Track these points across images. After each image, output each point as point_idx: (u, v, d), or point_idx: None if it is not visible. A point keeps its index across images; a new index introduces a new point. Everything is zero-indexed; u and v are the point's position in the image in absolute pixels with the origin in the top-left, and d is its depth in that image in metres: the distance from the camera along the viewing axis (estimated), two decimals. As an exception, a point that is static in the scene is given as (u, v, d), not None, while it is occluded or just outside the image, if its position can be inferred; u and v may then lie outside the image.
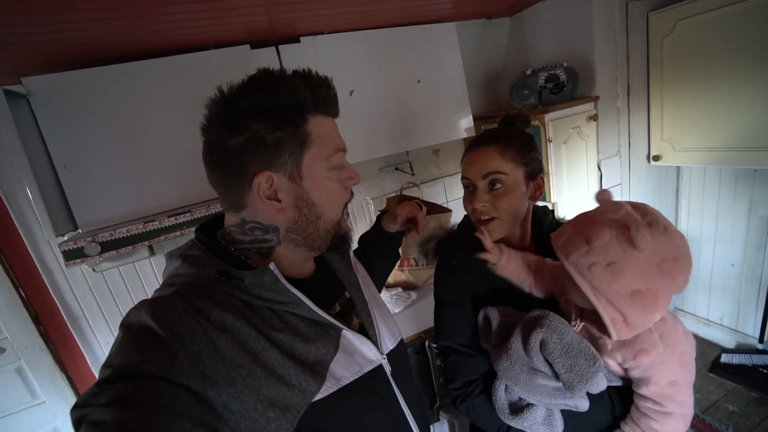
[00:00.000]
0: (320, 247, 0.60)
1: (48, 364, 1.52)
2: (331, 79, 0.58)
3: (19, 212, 1.40)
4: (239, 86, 0.53)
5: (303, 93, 0.53)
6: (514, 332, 0.71)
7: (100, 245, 1.20)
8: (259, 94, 0.52)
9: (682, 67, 1.62)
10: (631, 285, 0.57)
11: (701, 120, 1.63)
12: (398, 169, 1.96)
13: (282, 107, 0.52)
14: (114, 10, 0.96)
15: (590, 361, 0.64)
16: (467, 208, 0.82)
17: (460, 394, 0.79)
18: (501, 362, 0.72)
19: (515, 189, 0.77)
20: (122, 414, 0.38)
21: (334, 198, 0.58)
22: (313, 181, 0.55)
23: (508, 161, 0.76)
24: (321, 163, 0.56)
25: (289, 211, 0.55)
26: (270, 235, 0.57)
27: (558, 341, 0.66)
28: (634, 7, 1.64)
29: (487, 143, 0.78)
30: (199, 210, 1.31)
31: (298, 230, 0.57)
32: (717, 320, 2.15)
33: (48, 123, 1.20)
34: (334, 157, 0.57)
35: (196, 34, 1.25)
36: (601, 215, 0.61)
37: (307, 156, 0.54)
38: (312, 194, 0.56)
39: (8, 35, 0.98)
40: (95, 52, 1.21)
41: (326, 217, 0.58)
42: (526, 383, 0.69)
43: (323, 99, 0.56)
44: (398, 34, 1.58)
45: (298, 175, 0.54)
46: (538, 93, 1.63)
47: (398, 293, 1.74)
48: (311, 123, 0.54)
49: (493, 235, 0.77)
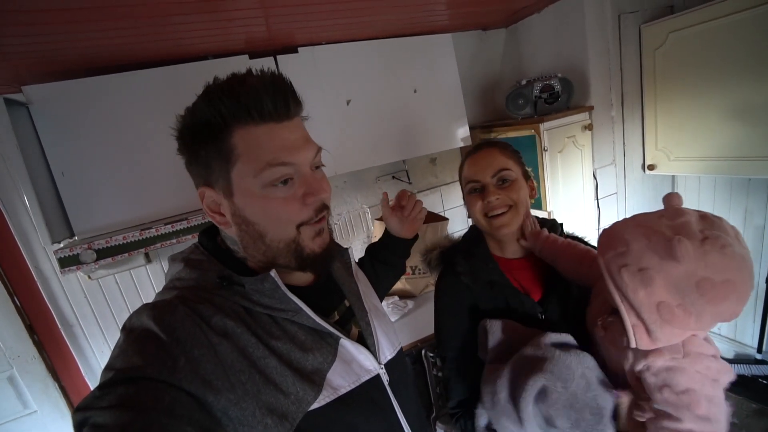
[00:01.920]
0: (288, 264, 0.56)
1: (40, 373, 1.50)
2: (278, 76, 0.51)
3: (15, 219, 1.40)
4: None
5: (220, 105, 0.48)
6: (502, 372, 0.64)
7: (96, 252, 1.20)
8: (188, 111, 0.52)
9: (674, 77, 1.64)
10: (658, 296, 0.53)
11: (695, 130, 1.64)
12: (395, 177, 1.97)
13: (202, 124, 0.50)
14: (113, 21, 0.98)
15: (597, 417, 0.57)
16: (474, 207, 0.82)
17: (455, 414, 0.80)
18: (485, 396, 0.66)
19: (520, 182, 0.82)
20: (124, 417, 0.38)
21: (274, 217, 0.52)
22: (245, 198, 0.51)
23: (510, 159, 0.82)
24: (250, 180, 0.50)
25: (233, 226, 0.54)
26: (236, 246, 0.58)
27: (563, 390, 0.58)
28: (626, 19, 1.67)
29: (488, 146, 0.85)
30: (195, 218, 1.31)
31: (249, 246, 0.55)
32: (714, 330, 2.13)
33: (47, 131, 1.21)
34: (266, 174, 0.50)
35: (195, 44, 1.27)
36: (657, 219, 0.57)
37: (235, 172, 0.50)
38: (246, 211, 0.52)
39: (10, 45, 1.00)
40: (94, 62, 1.23)
41: (272, 236, 0.53)
42: (496, 421, 0.65)
43: (257, 106, 0.49)
44: (395, 44, 1.60)
45: (230, 192, 0.52)
46: (533, 103, 1.65)
47: (395, 302, 1.74)
48: (237, 136, 0.49)
49: (510, 227, 0.80)
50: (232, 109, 0.48)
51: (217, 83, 0.50)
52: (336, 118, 1.52)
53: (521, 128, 1.67)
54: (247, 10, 1.10)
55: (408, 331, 1.53)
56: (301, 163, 0.53)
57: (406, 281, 1.79)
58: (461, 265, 0.84)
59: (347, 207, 1.93)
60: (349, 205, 1.93)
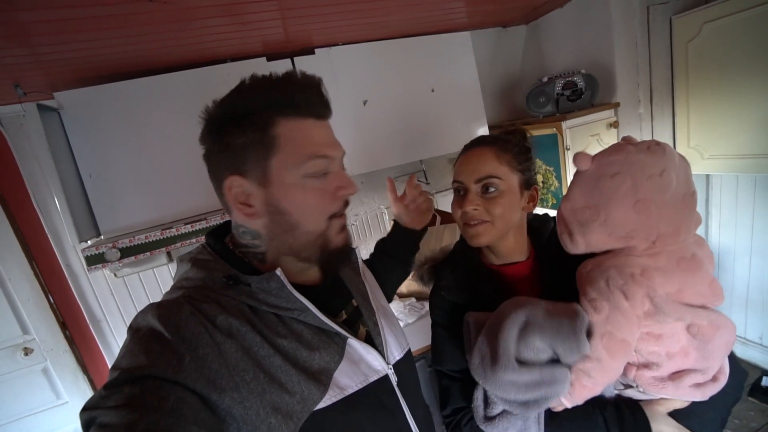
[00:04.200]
0: (309, 258, 0.57)
1: (71, 366, 1.58)
2: (319, 79, 0.55)
3: (48, 219, 1.48)
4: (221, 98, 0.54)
5: (271, 95, 0.51)
6: (477, 340, 0.65)
7: (120, 251, 1.24)
8: (227, 100, 0.53)
9: (709, 71, 1.55)
10: (574, 202, 0.64)
11: (732, 126, 1.54)
12: (411, 178, 1.95)
13: (246, 111, 0.51)
14: (137, 27, 1.01)
15: (572, 316, 0.59)
16: (455, 212, 0.76)
17: (450, 422, 0.76)
18: (475, 371, 0.65)
19: (509, 195, 0.72)
20: (129, 417, 0.38)
21: (310, 208, 0.54)
22: (283, 187, 0.53)
23: (504, 165, 0.72)
24: (291, 170, 0.52)
25: (262, 217, 0.54)
26: (257, 241, 0.57)
27: (539, 311, 0.61)
28: (656, 11, 1.59)
29: (483, 144, 0.75)
30: (214, 218, 1.34)
31: (276, 238, 0.55)
32: (756, 339, 2.00)
33: (76, 134, 1.26)
34: (309, 164, 0.53)
35: (214, 48, 1.30)
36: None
37: (275, 162, 0.52)
38: (282, 202, 0.53)
39: (46, 53, 1.05)
40: (120, 67, 1.28)
41: (304, 228, 0.55)
42: (494, 381, 0.62)
43: (304, 101, 0.53)
44: (412, 44, 1.59)
45: (266, 181, 0.52)
46: (555, 100, 1.60)
47: (411, 303, 1.72)
48: (280, 126, 0.51)
49: (481, 239, 0.73)
50: (281, 100, 0.51)
51: (262, 76, 0.53)
52: (353, 118, 1.52)
53: (543, 127, 1.62)
54: (265, 12, 1.11)
55: (425, 333, 1.48)
56: (337, 159, 0.57)
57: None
58: (446, 279, 0.81)
59: (364, 207, 1.92)
60: (366, 206, 1.93)
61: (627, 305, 0.57)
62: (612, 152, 0.61)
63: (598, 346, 0.58)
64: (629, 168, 0.58)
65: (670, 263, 0.59)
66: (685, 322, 0.59)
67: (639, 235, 0.59)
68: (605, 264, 0.61)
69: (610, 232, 0.60)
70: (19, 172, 1.43)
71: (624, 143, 0.63)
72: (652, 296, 0.57)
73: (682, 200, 0.59)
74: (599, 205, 0.60)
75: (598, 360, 0.58)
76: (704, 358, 0.60)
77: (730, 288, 1.99)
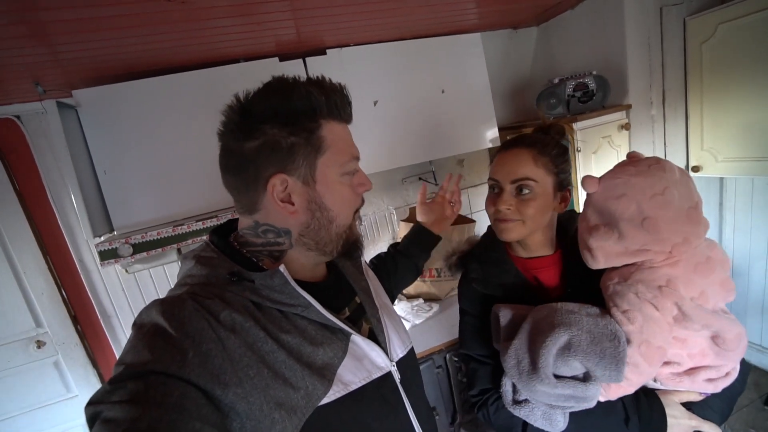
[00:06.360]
0: (331, 251, 0.60)
1: (82, 360, 1.60)
2: (344, 85, 0.59)
3: (63, 213, 1.50)
4: (255, 93, 0.54)
5: (317, 99, 0.54)
6: (516, 342, 0.69)
7: (132, 247, 1.26)
8: (273, 100, 0.53)
9: (724, 72, 1.53)
10: (590, 221, 0.70)
11: (747, 128, 1.52)
12: (422, 179, 1.95)
13: (296, 112, 0.53)
14: (154, 26, 1.04)
15: (615, 341, 0.62)
16: (489, 208, 0.80)
17: (477, 401, 0.82)
18: (509, 369, 0.70)
19: (542, 197, 0.75)
20: (133, 412, 0.38)
21: (346, 203, 0.59)
22: (327, 185, 0.56)
23: (540, 168, 0.74)
24: (335, 169, 0.57)
25: (302, 215, 0.56)
26: (282, 238, 0.58)
27: (578, 332, 0.64)
28: (669, 12, 1.58)
29: (522, 146, 0.77)
30: (225, 215, 1.35)
31: (310, 234, 0.57)
32: (771, 347, 1.95)
33: (92, 131, 1.29)
34: (350, 164, 0.58)
35: (228, 48, 1.32)
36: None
37: (321, 161, 0.55)
38: (325, 198, 0.56)
39: (66, 52, 1.08)
40: (137, 66, 1.30)
41: (339, 222, 0.58)
42: (528, 387, 0.68)
43: (336, 105, 0.56)
44: (423, 45, 1.59)
45: (312, 180, 0.55)
46: (566, 102, 1.59)
47: (419, 304, 1.71)
48: (325, 129, 0.55)
49: (511, 234, 0.76)
50: (325, 103, 0.55)
51: (308, 79, 0.56)
52: (363, 118, 1.52)
53: (553, 128, 1.61)
54: (278, 13, 1.13)
55: (433, 334, 1.49)
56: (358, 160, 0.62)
57: (431, 284, 1.76)
58: (475, 271, 0.85)
59: (373, 208, 1.93)
60: (375, 206, 1.93)
61: (659, 315, 0.62)
62: (614, 175, 0.66)
63: (635, 354, 0.62)
64: (632, 189, 0.63)
65: (689, 269, 0.63)
66: (711, 330, 0.63)
67: (654, 248, 0.63)
68: (632, 278, 0.65)
69: (626, 248, 0.65)
70: (37, 168, 1.46)
71: (625, 164, 0.68)
72: (680, 305, 0.62)
73: (687, 213, 0.62)
74: (611, 224, 0.65)
75: (636, 365, 0.63)
76: (720, 358, 0.65)
77: (745, 293, 1.95)
